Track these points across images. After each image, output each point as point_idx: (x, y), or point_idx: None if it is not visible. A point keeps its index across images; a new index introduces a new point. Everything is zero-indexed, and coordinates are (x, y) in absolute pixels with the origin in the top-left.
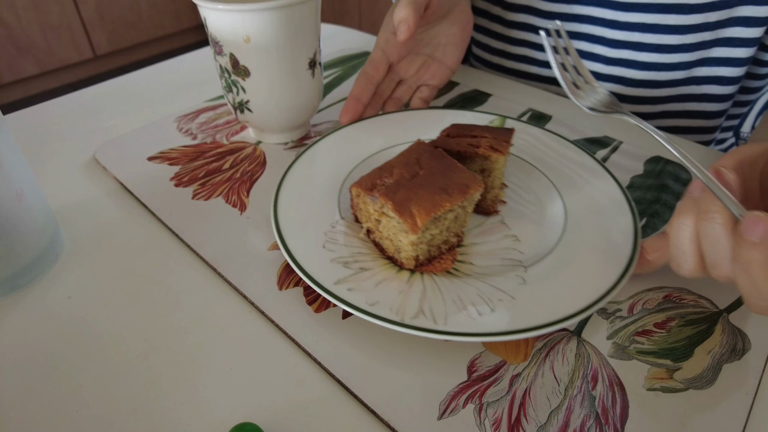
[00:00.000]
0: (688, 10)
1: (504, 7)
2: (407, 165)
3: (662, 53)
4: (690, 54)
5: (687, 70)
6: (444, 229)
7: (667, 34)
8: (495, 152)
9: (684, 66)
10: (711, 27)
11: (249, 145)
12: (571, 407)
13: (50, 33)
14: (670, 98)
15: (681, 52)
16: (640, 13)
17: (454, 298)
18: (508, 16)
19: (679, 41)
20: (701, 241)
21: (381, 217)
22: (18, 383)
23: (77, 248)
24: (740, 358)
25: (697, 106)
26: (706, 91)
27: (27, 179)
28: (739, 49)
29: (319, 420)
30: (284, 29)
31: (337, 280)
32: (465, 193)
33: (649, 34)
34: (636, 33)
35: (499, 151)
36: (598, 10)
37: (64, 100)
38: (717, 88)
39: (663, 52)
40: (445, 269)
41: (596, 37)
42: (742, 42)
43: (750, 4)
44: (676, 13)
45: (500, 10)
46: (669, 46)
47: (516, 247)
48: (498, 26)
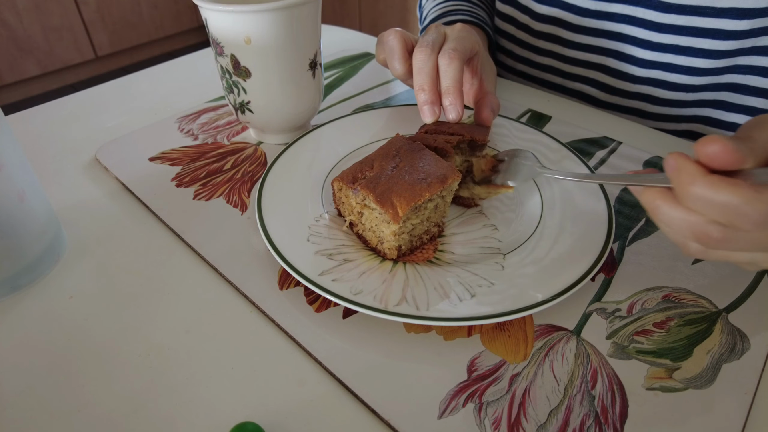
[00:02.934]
0: (724, 36)
1: (532, 17)
2: (387, 158)
3: (692, 76)
4: (720, 77)
5: (715, 92)
6: (425, 218)
7: (700, 58)
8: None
9: (712, 88)
10: (746, 53)
11: (250, 146)
12: (571, 407)
13: (52, 34)
14: (696, 118)
15: (711, 75)
16: (674, 36)
17: (435, 286)
18: (536, 26)
19: (711, 65)
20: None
21: (363, 209)
22: (19, 383)
23: (78, 248)
24: (739, 357)
25: (721, 131)
26: (733, 119)
27: (28, 180)
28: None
29: (320, 419)
30: (285, 30)
31: (322, 271)
32: (443, 183)
33: (681, 56)
34: (668, 54)
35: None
36: (629, 28)
37: (66, 101)
38: (745, 117)
39: (693, 75)
40: (427, 258)
41: (626, 55)
42: None
43: None
44: (710, 38)
45: (528, 19)
46: (700, 70)
47: (494, 235)
48: (525, 35)
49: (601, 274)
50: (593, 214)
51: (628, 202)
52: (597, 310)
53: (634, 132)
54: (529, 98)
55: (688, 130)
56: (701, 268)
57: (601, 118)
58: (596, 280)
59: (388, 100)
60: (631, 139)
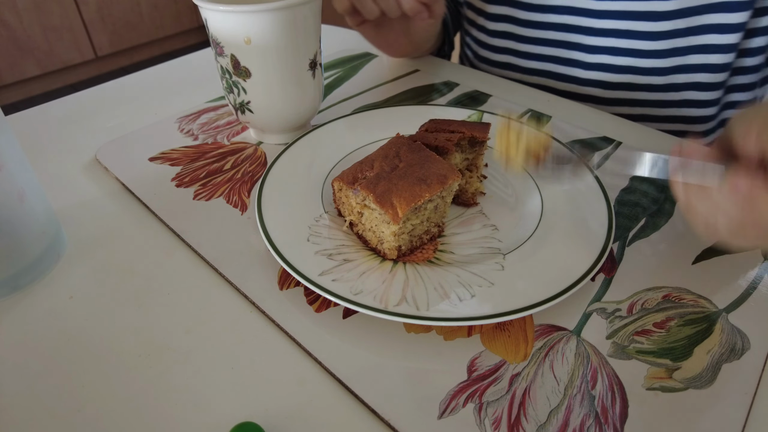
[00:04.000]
0: (657, 17)
1: (487, 18)
2: (387, 158)
3: (637, 58)
4: (665, 60)
5: (665, 76)
6: (425, 219)
7: (641, 40)
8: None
9: (660, 72)
10: (682, 33)
11: (250, 146)
12: (571, 407)
13: (52, 34)
14: (650, 102)
15: (655, 57)
16: (613, 20)
17: (435, 286)
18: (490, 26)
19: (652, 47)
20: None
21: (363, 209)
22: (19, 383)
23: (79, 248)
24: (739, 357)
25: (678, 111)
26: (686, 96)
27: (29, 180)
28: (715, 56)
29: (320, 419)
30: (285, 30)
31: (322, 271)
32: (443, 184)
33: (623, 39)
34: (611, 38)
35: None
36: (572, 18)
37: (66, 101)
38: (697, 93)
39: (638, 57)
40: (427, 258)
41: (573, 44)
42: (716, 48)
43: (720, 11)
44: (645, 20)
45: (483, 20)
46: (643, 51)
47: (494, 235)
48: (483, 35)
49: (601, 274)
50: (593, 214)
51: (628, 202)
52: (597, 310)
53: (634, 132)
54: (529, 98)
55: (644, 114)
56: (701, 268)
57: (601, 118)
58: (596, 280)
59: (388, 100)
60: (631, 139)
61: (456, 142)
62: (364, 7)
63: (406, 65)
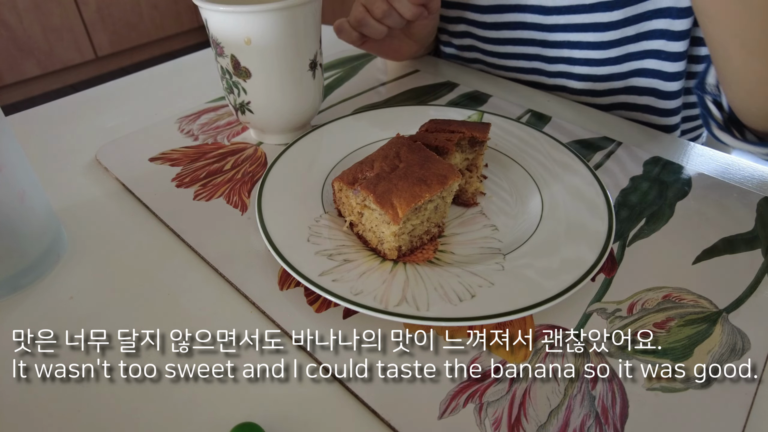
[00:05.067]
0: (604, 28)
1: (450, 35)
2: (387, 158)
3: (592, 66)
4: (620, 66)
5: (623, 81)
6: (425, 219)
7: (593, 50)
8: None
9: (618, 77)
10: (632, 40)
11: (250, 146)
12: (571, 407)
13: (52, 34)
14: (616, 105)
15: (610, 64)
16: (563, 33)
17: (435, 286)
18: (455, 41)
19: (605, 55)
20: None
21: (363, 209)
22: (19, 383)
23: (79, 249)
24: (740, 357)
25: (641, 117)
26: (647, 102)
27: (29, 180)
28: (667, 63)
29: (320, 419)
30: (285, 31)
31: (322, 272)
32: (444, 184)
33: (576, 50)
34: (565, 50)
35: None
36: (527, 33)
37: (66, 101)
38: (654, 100)
39: (594, 66)
40: (427, 259)
41: (532, 55)
42: (667, 56)
43: (664, 17)
44: (594, 32)
45: (448, 37)
46: (597, 60)
47: (494, 236)
48: (445, 36)
49: (601, 274)
50: (593, 214)
51: (628, 202)
52: (597, 310)
53: (634, 132)
54: (529, 98)
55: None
56: (701, 268)
57: (601, 118)
58: (596, 280)
59: (388, 100)
60: (631, 139)
61: (456, 142)
62: (372, 30)
63: (406, 65)
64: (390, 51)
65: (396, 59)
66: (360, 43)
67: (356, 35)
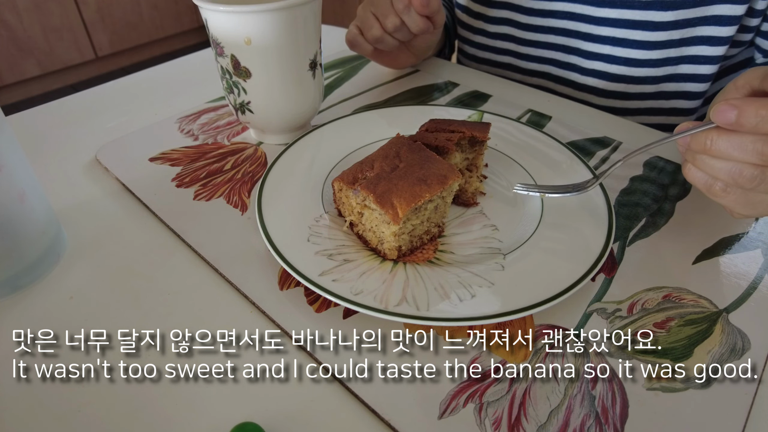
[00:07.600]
0: (653, 27)
1: (486, 21)
2: (387, 158)
3: (631, 66)
4: (657, 69)
5: (656, 85)
6: (425, 219)
7: (636, 49)
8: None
9: (652, 80)
10: (675, 44)
11: (250, 146)
12: (571, 407)
13: (52, 34)
14: (640, 111)
15: (648, 66)
16: (611, 28)
17: (436, 286)
18: (491, 29)
19: (646, 56)
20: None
21: (363, 209)
22: (20, 383)
23: (79, 249)
24: (740, 357)
25: (666, 120)
26: (674, 105)
27: (29, 180)
28: (704, 66)
29: (320, 419)
30: (285, 31)
31: (322, 271)
32: (444, 184)
33: (619, 47)
34: (607, 46)
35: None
36: (573, 24)
37: (66, 102)
38: (684, 102)
39: (632, 66)
40: (427, 259)
41: (572, 48)
42: (705, 60)
43: (712, 24)
44: (642, 30)
45: (484, 24)
46: (637, 60)
47: (495, 236)
48: (481, 38)
49: (601, 274)
50: (593, 214)
51: (628, 202)
52: (597, 310)
53: (634, 132)
54: (529, 98)
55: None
56: (701, 268)
57: (601, 118)
58: (596, 280)
59: (388, 100)
60: (631, 139)
61: (456, 142)
62: (386, 44)
63: None
64: (392, 61)
65: (395, 67)
66: (374, 55)
67: (371, 49)
